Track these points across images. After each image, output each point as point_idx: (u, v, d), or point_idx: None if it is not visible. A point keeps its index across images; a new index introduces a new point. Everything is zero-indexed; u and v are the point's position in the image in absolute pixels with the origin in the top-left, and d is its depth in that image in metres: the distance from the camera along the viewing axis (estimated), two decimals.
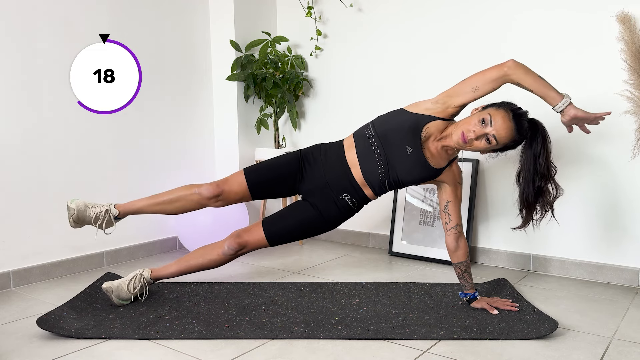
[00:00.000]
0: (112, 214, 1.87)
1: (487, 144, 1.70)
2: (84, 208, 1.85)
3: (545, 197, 1.73)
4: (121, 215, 1.90)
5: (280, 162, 1.94)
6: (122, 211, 1.90)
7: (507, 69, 1.67)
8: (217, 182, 1.91)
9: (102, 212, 1.86)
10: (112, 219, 1.88)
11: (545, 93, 1.65)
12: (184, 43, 2.81)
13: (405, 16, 2.65)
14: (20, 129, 2.17)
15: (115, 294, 1.82)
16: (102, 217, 1.85)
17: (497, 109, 1.70)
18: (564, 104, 1.64)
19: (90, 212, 1.85)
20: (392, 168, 1.82)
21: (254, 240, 1.89)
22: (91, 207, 1.86)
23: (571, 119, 1.66)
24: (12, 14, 2.13)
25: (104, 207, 1.87)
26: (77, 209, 1.83)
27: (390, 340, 1.57)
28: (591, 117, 1.66)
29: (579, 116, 1.64)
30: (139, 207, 1.91)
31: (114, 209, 1.88)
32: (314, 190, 1.89)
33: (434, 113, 1.77)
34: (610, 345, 1.54)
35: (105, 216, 1.86)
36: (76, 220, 1.84)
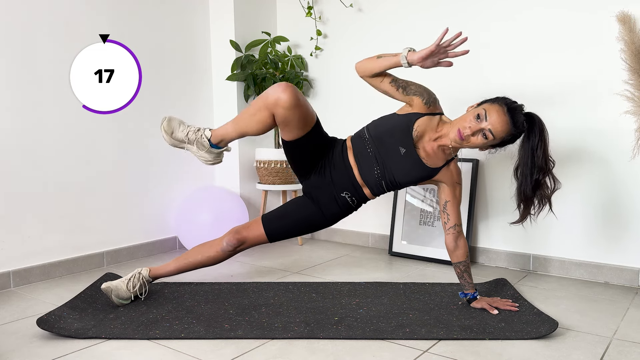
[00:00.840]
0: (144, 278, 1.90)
1: (484, 139, 1.70)
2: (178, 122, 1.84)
3: (543, 190, 1.73)
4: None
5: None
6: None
7: (358, 74, 1.85)
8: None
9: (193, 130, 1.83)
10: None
11: (390, 62, 1.77)
12: (184, 43, 2.81)
13: (405, 16, 2.65)
14: (20, 128, 2.17)
15: (114, 294, 1.82)
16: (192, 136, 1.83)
17: (492, 104, 1.72)
18: (404, 58, 1.74)
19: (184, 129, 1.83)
20: (387, 169, 1.83)
21: (253, 236, 1.90)
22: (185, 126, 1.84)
23: (422, 61, 1.72)
24: (12, 14, 2.12)
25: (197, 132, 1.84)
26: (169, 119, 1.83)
27: (390, 340, 1.57)
28: (433, 48, 1.69)
29: (423, 55, 1.71)
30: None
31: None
32: (318, 184, 1.90)
33: (415, 111, 1.82)
34: (610, 345, 1.54)
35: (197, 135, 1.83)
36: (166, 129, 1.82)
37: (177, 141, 1.83)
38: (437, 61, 1.75)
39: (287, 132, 1.80)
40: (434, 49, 1.69)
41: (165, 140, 1.83)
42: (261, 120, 1.76)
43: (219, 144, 1.84)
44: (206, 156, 1.85)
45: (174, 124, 1.83)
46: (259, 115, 1.76)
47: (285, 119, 1.73)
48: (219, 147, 1.85)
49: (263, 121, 1.76)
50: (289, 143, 1.83)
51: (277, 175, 2.81)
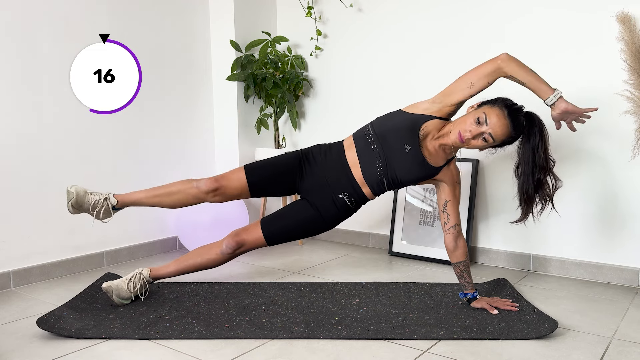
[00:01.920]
0: (110, 202, 1.87)
1: (484, 142, 1.71)
2: (83, 194, 1.84)
3: (544, 189, 1.74)
4: (119, 205, 1.90)
5: (280, 161, 1.94)
6: (121, 201, 1.90)
7: (500, 62, 1.69)
8: (216, 176, 1.91)
9: (100, 199, 1.85)
10: (110, 208, 1.88)
11: (538, 86, 1.68)
12: (184, 43, 2.81)
13: (405, 15, 2.65)
14: (20, 129, 2.17)
15: (115, 293, 1.82)
16: (100, 205, 1.85)
17: (492, 106, 1.71)
18: (555, 97, 1.67)
19: (89, 199, 1.85)
20: (390, 167, 1.82)
21: (252, 239, 1.89)
22: (90, 194, 1.86)
23: (562, 113, 1.68)
24: (12, 14, 2.12)
25: (103, 195, 1.87)
26: (77, 194, 1.83)
27: (390, 340, 1.57)
28: (579, 112, 1.69)
29: (569, 110, 1.67)
30: (137, 198, 1.91)
31: (113, 198, 1.88)
32: (314, 188, 1.89)
33: (432, 112, 1.79)
34: (610, 345, 1.54)
35: (104, 204, 1.85)
36: (74, 205, 1.83)
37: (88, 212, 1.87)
38: (569, 121, 1.74)
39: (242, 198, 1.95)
40: (581, 112, 1.69)
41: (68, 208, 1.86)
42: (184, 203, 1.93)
43: (122, 207, 1.93)
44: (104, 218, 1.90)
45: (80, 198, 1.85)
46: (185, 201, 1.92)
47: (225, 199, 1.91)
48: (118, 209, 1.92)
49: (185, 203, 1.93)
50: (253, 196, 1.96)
51: None
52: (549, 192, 1.74)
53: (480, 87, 1.73)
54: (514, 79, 1.70)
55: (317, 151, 1.94)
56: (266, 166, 1.94)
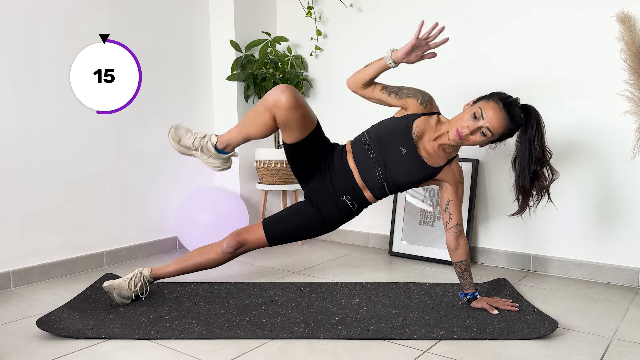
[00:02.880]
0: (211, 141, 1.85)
1: (483, 136, 1.72)
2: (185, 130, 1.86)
3: (540, 181, 1.74)
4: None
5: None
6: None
7: (350, 88, 1.91)
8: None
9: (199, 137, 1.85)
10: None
11: (377, 66, 1.82)
12: (184, 43, 2.81)
13: (405, 15, 2.65)
14: (20, 129, 2.17)
15: (117, 292, 1.82)
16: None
17: (487, 101, 1.72)
18: (389, 58, 1.78)
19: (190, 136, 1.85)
20: (389, 171, 1.82)
21: (253, 239, 1.90)
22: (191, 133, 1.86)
23: (405, 58, 1.76)
24: (12, 14, 2.13)
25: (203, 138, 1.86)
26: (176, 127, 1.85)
27: (390, 340, 1.57)
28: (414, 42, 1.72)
29: (405, 51, 1.74)
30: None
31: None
32: (318, 188, 1.90)
33: (413, 111, 1.83)
34: (610, 345, 1.54)
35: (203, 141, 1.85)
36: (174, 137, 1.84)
37: (185, 148, 1.85)
38: (421, 54, 1.77)
39: (288, 135, 1.80)
40: (414, 42, 1.72)
41: (174, 147, 1.86)
42: (263, 123, 1.77)
43: (225, 149, 1.85)
44: (214, 162, 1.87)
45: (181, 132, 1.85)
46: (261, 117, 1.77)
47: (285, 120, 1.73)
48: (226, 152, 1.87)
49: (265, 123, 1.77)
50: (291, 146, 1.84)
51: (277, 175, 2.81)
52: (546, 183, 1.74)
53: (379, 97, 1.88)
54: (367, 81, 1.86)
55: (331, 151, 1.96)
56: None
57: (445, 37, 1.74)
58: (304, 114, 1.75)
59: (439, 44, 1.75)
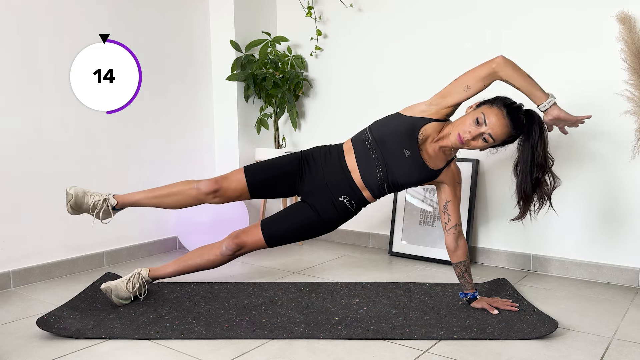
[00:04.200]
0: (110, 203, 1.87)
1: (484, 142, 1.70)
2: (82, 195, 1.84)
3: (542, 188, 1.73)
4: (119, 206, 1.90)
5: (280, 162, 1.94)
6: (120, 202, 1.89)
7: (495, 66, 1.69)
8: (216, 178, 1.91)
9: (99, 200, 1.85)
10: (110, 209, 1.88)
11: (532, 92, 1.68)
12: (184, 43, 2.81)
13: (405, 16, 2.65)
14: (20, 129, 2.17)
15: (114, 294, 1.82)
16: (99, 206, 1.85)
17: (491, 106, 1.70)
18: (548, 104, 1.67)
19: (88, 200, 1.84)
20: (390, 171, 1.82)
21: (252, 241, 1.89)
22: (90, 195, 1.86)
23: (553, 119, 1.69)
24: (12, 13, 2.12)
25: (103, 196, 1.87)
26: (75, 195, 1.83)
27: (390, 340, 1.57)
28: (572, 120, 1.70)
29: (561, 117, 1.68)
30: (137, 199, 1.91)
31: (112, 199, 1.88)
32: (314, 191, 1.89)
33: (429, 115, 1.78)
34: (610, 345, 1.54)
35: (103, 205, 1.85)
36: (73, 206, 1.83)
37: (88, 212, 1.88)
38: (562, 127, 1.76)
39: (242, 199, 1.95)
40: (573, 120, 1.70)
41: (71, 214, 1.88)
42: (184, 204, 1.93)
43: (122, 207, 1.93)
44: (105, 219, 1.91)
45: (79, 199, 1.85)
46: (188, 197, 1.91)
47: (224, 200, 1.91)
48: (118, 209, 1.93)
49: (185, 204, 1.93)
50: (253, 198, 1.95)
51: None
52: (547, 190, 1.74)
53: (476, 90, 1.73)
54: (509, 83, 1.70)
55: (317, 153, 1.94)
56: (266, 168, 1.94)
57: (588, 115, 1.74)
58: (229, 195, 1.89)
59: (576, 126, 1.76)
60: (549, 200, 1.75)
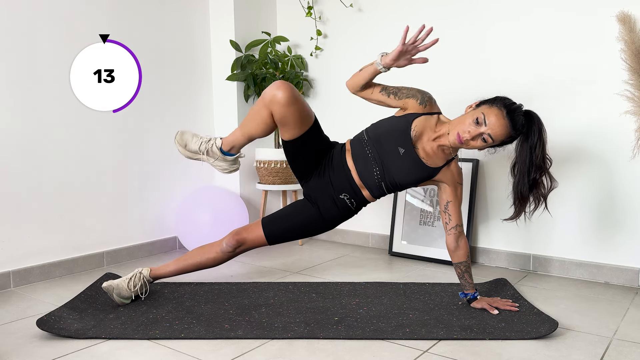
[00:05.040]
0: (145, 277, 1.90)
1: (484, 142, 1.70)
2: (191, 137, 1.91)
3: (539, 189, 1.73)
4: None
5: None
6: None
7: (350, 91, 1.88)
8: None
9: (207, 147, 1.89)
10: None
11: (368, 71, 1.79)
12: (184, 43, 2.81)
13: (405, 15, 2.65)
14: (20, 128, 2.17)
15: (116, 292, 1.82)
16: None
17: (490, 106, 1.70)
18: (378, 63, 1.76)
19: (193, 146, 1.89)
20: (387, 171, 1.82)
21: (252, 238, 1.89)
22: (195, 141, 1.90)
23: (394, 62, 1.74)
24: (12, 14, 2.13)
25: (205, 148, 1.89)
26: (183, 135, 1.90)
27: (390, 340, 1.57)
28: (401, 47, 1.70)
29: (393, 56, 1.72)
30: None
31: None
32: (318, 187, 1.90)
33: (413, 111, 1.82)
34: (610, 345, 1.54)
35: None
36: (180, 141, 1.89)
37: (192, 153, 1.89)
38: (410, 58, 1.76)
39: (286, 131, 1.81)
40: (401, 48, 1.70)
41: (181, 152, 1.90)
42: (262, 121, 1.79)
43: (230, 151, 1.88)
44: (221, 164, 1.90)
45: (187, 137, 1.89)
46: (259, 115, 1.78)
47: (282, 116, 1.74)
48: (232, 154, 1.90)
49: (264, 121, 1.78)
50: (289, 143, 1.84)
51: (277, 175, 2.81)
52: (544, 192, 1.73)
53: (378, 99, 1.86)
54: (363, 84, 1.83)
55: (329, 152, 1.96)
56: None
57: (434, 38, 1.72)
58: (300, 110, 1.76)
59: (428, 45, 1.71)
60: (544, 202, 1.75)
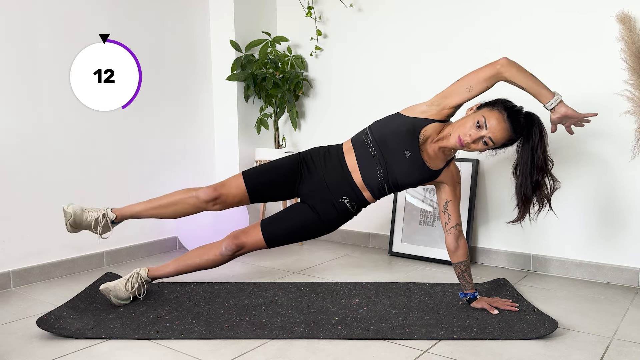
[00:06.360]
0: (109, 218, 1.87)
1: (484, 145, 1.70)
2: (80, 212, 1.84)
3: (542, 190, 1.73)
4: (118, 219, 1.90)
5: (279, 165, 1.94)
6: (119, 215, 1.89)
7: (499, 67, 1.68)
8: (215, 185, 1.90)
9: (99, 216, 1.85)
10: (110, 223, 1.88)
11: (538, 91, 1.67)
12: (184, 43, 2.81)
13: (406, 15, 2.65)
14: (20, 128, 2.17)
15: (113, 294, 1.82)
16: (99, 222, 1.85)
17: (491, 109, 1.69)
18: (555, 102, 1.66)
19: (87, 217, 1.84)
20: (391, 172, 1.82)
21: (251, 241, 1.89)
22: (88, 211, 1.85)
23: (561, 117, 1.68)
24: (12, 14, 2.12)
25: (101, 211, 1.86)
26: (74, 214, 1.82)
27: (390, 340, 1.57)
28: (579, 117, 1.69)
29: (568, 114, 1.67)
30: (136, 211, 1.90)
31: (111, 213, 1.88)
32: (313, 192, 1.89)
33: (430, 116, 1.77)
34: (610, 345, 1.54)
35: (102, 220, 1.85)
36: (73, 224, 1.83)
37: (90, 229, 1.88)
38: (569, 125, 1.74)
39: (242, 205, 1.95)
40: (580, 117, 1.69)
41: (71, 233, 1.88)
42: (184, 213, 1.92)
43: (120, 220, 1.93)
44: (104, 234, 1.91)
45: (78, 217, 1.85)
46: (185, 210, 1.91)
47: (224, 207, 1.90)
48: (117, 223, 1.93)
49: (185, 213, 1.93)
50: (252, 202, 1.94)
51: None
52: (547, 193, 1.74)
53: (478, 90, 1.72)
54: (514, 84, 1.69)
55: (316, 155, 1.93)
56: (265, 172, 1.93)
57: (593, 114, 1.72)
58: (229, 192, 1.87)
59: (581, 125, 1.74)
60: (548, 203, 1.75)
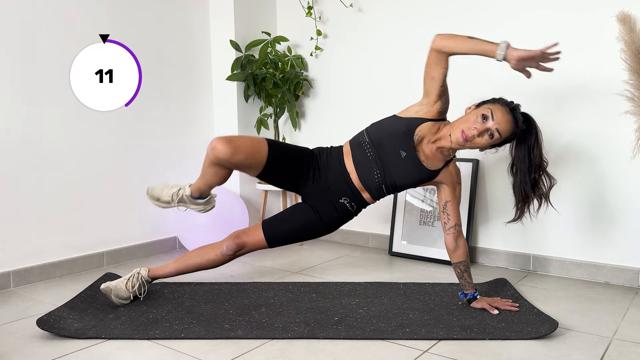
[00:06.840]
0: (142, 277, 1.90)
1: (490, 138, 1.71)
2: None
3: (540, 188, 1.76)
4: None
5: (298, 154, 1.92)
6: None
7: (433, 45, 1.70)
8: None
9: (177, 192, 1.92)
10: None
11: (482, 48, 1.63)
12: (184, 43, 2.81)
13: (406, 15, 2.65)
14: (20, 128, 2.17)
15: (114, 294, 1.82)
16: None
17: (494, 104, 1.73)
18: (503, 50, 1.60)
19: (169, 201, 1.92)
20: (388, 173, 1.83)
21: (252, 241, 1.89)
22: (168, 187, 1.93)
23: (518, 62, 1.60)
24: (12, 14, 2.13)
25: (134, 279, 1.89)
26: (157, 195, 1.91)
27: (390, 340, 1.57)
28: (538, 54, 1.58)
29: (523, 56, 1.58)
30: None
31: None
32: (315, 193, 1.89)
33: (423, 114, 1.79)
34: (610, 345, 1.54)
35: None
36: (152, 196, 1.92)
37: (165, 204, 1.92)
38: (538, 64, 1.64)
39: (247, 172, 1.87)
40: (539, 54, 1.58)
41: (156, 205, 1.92)
42: (215, 173, 1.86)
43: (201, 195, 1.93)
44: (196, 207, 1.96)
45: (157, 192, 1.92)
46: (211, 170, 1.85)
47: (233, 166, 1.81)
48: (202, 197, 1.95)
49: (217, 173, 1.86)
50: (258, 176, 1.88)
51: None
52: (545, 190, 1.77)
53: (439, 75, 1.72)
54: (458, 53, 1.67)
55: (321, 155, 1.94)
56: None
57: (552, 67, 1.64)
58: (247, 155, 1.78)
59: (547, 69, 1.65)
60: (547, 200, 1.77)
